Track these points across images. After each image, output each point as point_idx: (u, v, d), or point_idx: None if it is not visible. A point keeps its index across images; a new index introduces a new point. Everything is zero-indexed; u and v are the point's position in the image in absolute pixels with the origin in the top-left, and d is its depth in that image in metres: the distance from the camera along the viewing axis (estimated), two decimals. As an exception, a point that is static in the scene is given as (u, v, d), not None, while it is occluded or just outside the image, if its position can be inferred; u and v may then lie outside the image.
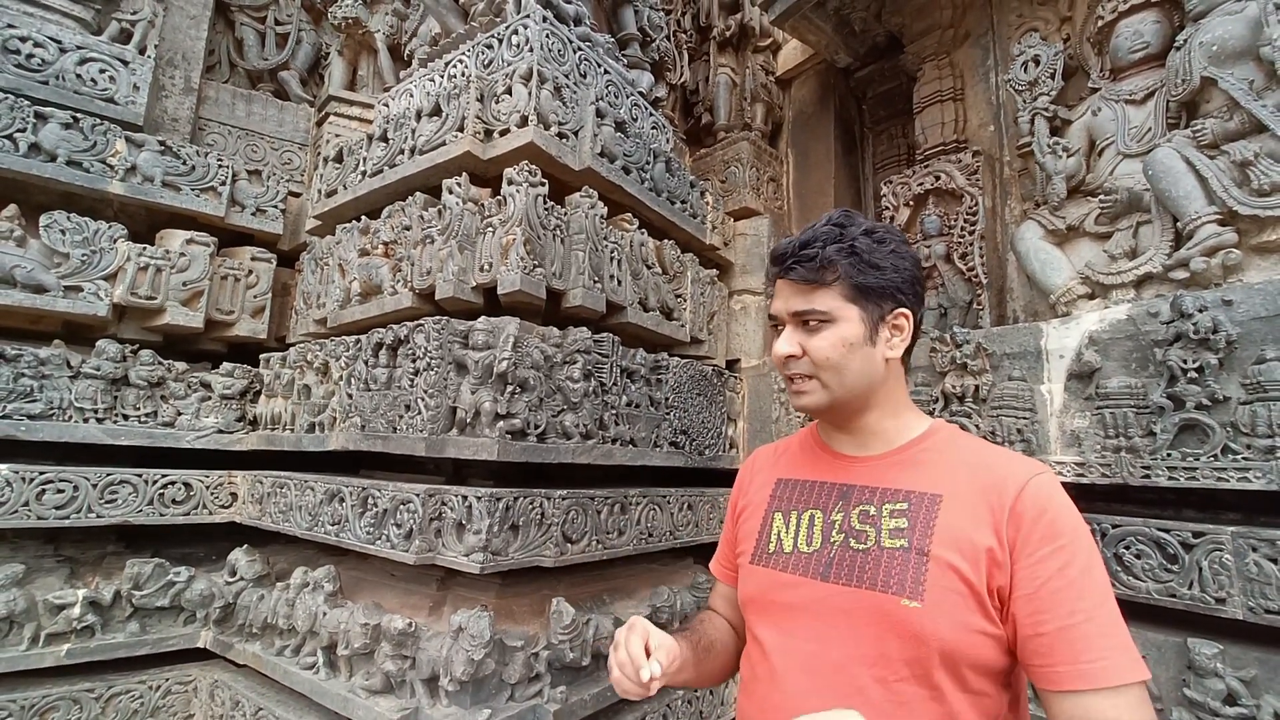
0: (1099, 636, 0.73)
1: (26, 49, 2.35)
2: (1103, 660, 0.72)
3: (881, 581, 0.82)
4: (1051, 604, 0.75)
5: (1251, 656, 1.44)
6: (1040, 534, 0.78)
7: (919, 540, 0.82)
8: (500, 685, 1.73)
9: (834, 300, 0.90)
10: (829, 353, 0.90)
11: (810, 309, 0.90)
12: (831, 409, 0.95)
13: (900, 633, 0.79)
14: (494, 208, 2.01)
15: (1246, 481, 1.47)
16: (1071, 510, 0.81)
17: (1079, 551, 0.77)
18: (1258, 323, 1.51)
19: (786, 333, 0.94)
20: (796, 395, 0.95)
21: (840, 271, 0.90)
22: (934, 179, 2.56)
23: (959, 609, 0.78)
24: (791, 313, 0.93)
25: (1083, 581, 0.76)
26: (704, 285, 2.79)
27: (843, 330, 0.90)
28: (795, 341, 0.92)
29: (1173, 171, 1.84)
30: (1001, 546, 0.79)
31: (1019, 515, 0.79)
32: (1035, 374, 1.88)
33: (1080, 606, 0.74)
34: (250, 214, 2.81)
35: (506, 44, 2.26)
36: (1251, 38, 1.76)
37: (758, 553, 0.98)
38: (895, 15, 2.89)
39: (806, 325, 0.92)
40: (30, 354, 2.21)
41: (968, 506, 0.83)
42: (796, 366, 0.93)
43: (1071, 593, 0.75)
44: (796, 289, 0.92)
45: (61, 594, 2.14)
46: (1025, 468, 0.84)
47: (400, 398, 1.93)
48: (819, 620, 0.86)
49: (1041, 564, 0.77)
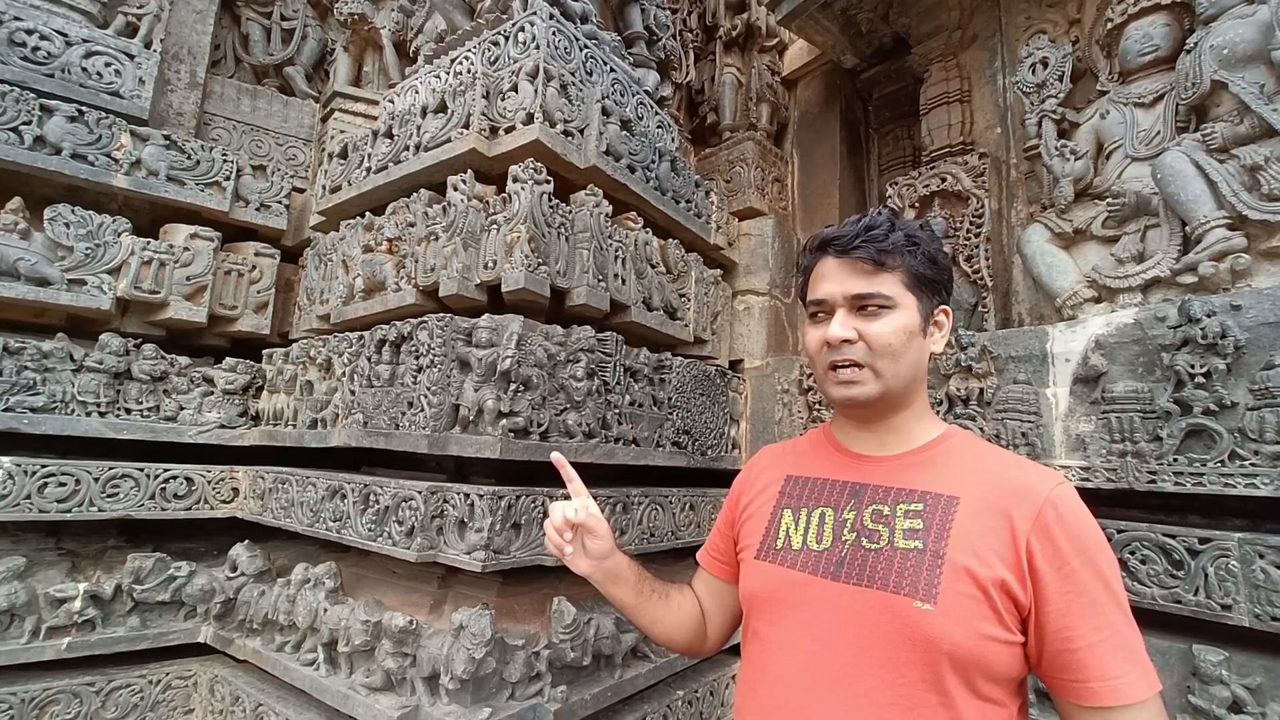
0: (1124, 649, 0.75)
1: (33, 42, 2.35)
2: (1129, 675, 0.74)
3: (894, 582, 0.80)
4: (1082, 619, 0.76)
5: (1257, 664, 1.43)
6: (1068, 547, 0.78)
7: (934, 542, 0.80)
8: (501, 684, 1.73)
9: (896, 286, 0.88)
10: (890, 339, 0.86)
11: (875, 292, 0.87)
12: (879, 402, 0.90)
13: (911, 635, 0.77)
14: (499, 205, 2.00)
15: (1254, 488, 1.47)
16: (1092, 521, 0.81)
17: (1104, 564, 0.78)
18: (1266, 328, 1.50)
19: (840, 317, 0.88)
20: (845, 386, 0.89)
21: (903, 259, 0.88)
22: (940, 181, 2.55)
23: (973, 614, 0.76)
24: (851, 295, 0.88)
25: (1108, 596, 0.76)
26: (708, 285, 2.78)
27: (904, 318, 0.87)
28: (851, 326, 0.87)
29: (1181, 175, 1.83)
30: (1021, 555, 0.78)
31: (1045, 526, 0.79)
32: (1040, 377, 1.87)
33: (1108, 621, 0.75)
34: (254, 209, 2.81)
35: (513, 41, 2.25)
36: (1263, 41, 1.75)
37: (764, 548, 0.96)
38: (902, 16, 2.88)
39: (865, 310, 0.88)
40: (33, 347, 2.21)
41: (986, 511, 0.81)
42: (849, 353, 0.87)
43: (1101, 607, 0.76)
44: (857, 270, 0.88)
45: (62, 587, 2.14)
46: (1045, 477, 0.84)
47: (403, 395, 1.92)
48: (827, 620, 0.84)
49: (1071, 579, 0.77)
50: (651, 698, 2.15)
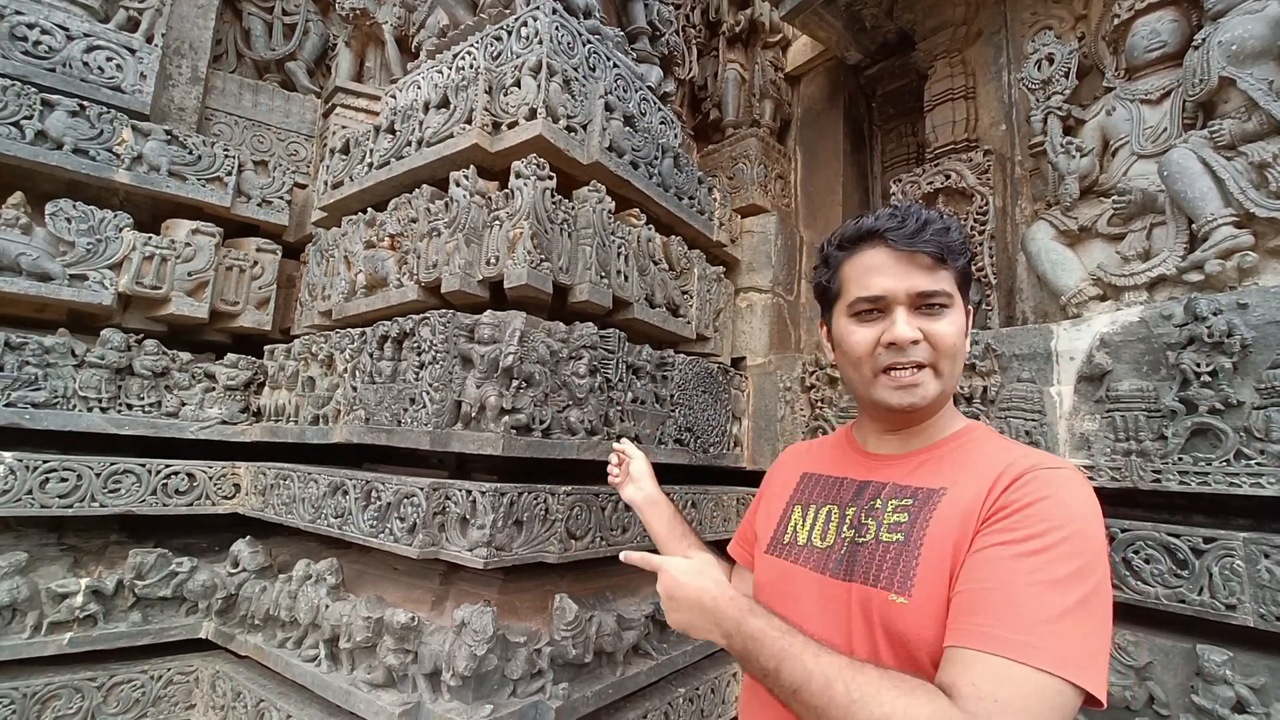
0: (993, 604, 0.67)
1: (34, 36, 2.34)
2: (972, 618, 0.67)
3: (873, 576, 0.80)
4: (971, 570, 0.70)
5: (1261, 664, 1.42)
6: (1006, 511, 0.73)
7: (914, 535, 0.79)
8: (502, 681, 1.73)
9: (951, 284, 0.85)
10: (955, 339, 0.84)
11: (939, 289, 0.83)
12: (933, 404, 0.86)
13: (887, 629, 0.77)
14: (501, 201, 1.99)
15: (1259, 487, 1.46)
16: (1070, 507, 0.72)
17: (1041, 536, 0.69)
18: (1273, 326, 1.49)
19: (903, 315, 0.83)
20: (906, 391, 0.84)
21: (957, 258, 0.85)
22: (944, 178, 2.53)
23: (946, 606, 0.73)
24: (916, 292, 0.83)
25: (1017, 560, 0.68)
26: (710, 282, 2.77)
27: (961, 317, 0.85)
28: (915, 325, 0.83)
29: (1188, 172, 1.82)
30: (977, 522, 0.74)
31: (996, 491, 0.75)
32: (1045, 376, 1.86)
33: (995, 575, 0.68)
34: (256, 205, 2.81)
35: (516, 36, 2.24)
36: (1272, 37, 1.73)
37: (773, 543, 0.98)
38: (907, 12, 2.86)
39: (928, 309, 0.84)
40: (35, 342, 2.20)
41: (969, 498, 0.78)
42: (915, 354, 0.83)
43: (998, 565, 0.69)
44: (919, 266, 0.83)
45: (64, 583, 2.14)
46: (1041, 459, 0.79)
47: (405, 391, 1.92)
48: (820, 614, 0.85)
49: (986, 535, 0.72)
50: (653, 695, 2.15)
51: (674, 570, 0.86)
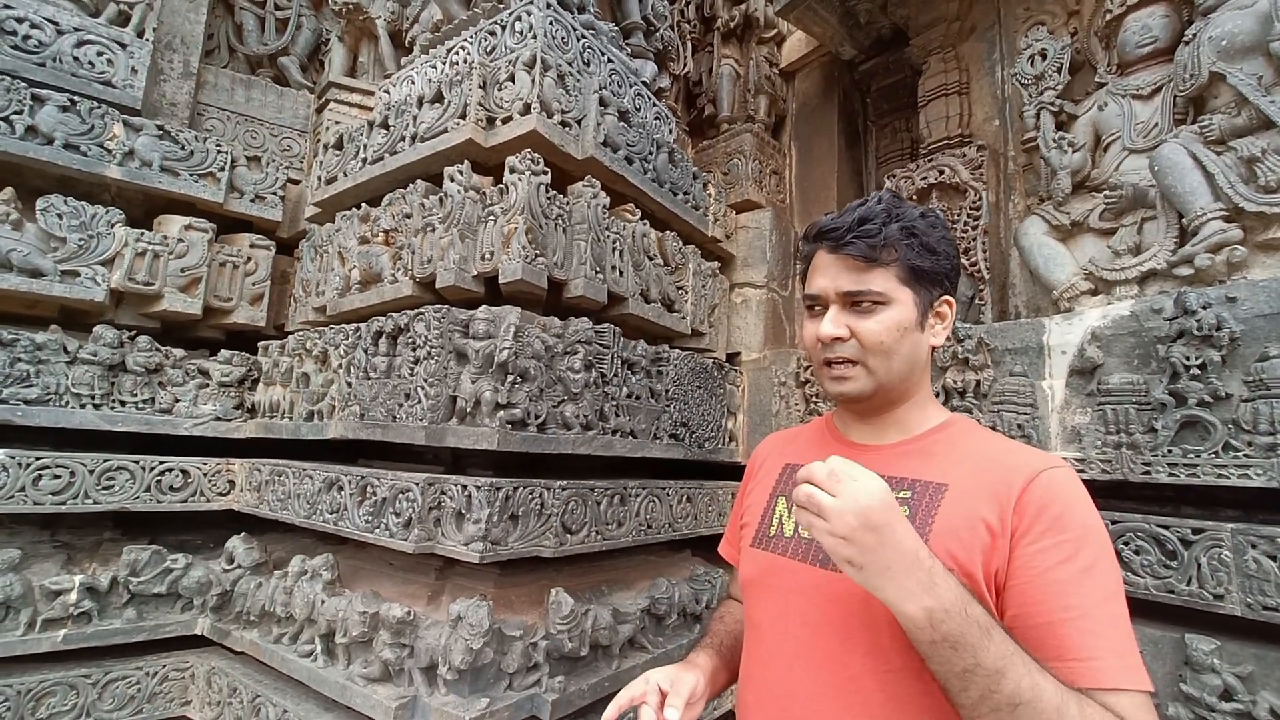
0: (1091, 635, 0.70)
1: (23, 30, 2.31)
2: (1094, 661, 0.69)
3: None
4: (1045, 596, 0.72)
5: (1248, 652, 1.44)
6: (1045, 525, 0.75)
7: (918, 528, 0.79)
8: (498, 674, 1.74)
9: (889, 282, 0.87)
10: (882, 336, 0.86)
11: (865, 289, 0.86)
12: (872, 397, 0.90)
13: (890, 621, 0.76)
14: (495, 196, 1.99)
15: (1247, 479, 1.48)
16: (1084, 507, 0.78)
17: (1085, 547, 0.74)
18: (1261, 320, 1.51)
19: (832, 313, 0.89)
20: (837, 381, 0.90)
21: (899, 253, 0.86)
22: (938, 173, 2.54)
23: None
24: (843, 292, 0.88)
25: (1083, 578, 0.72)
26: (705, 278, 2.78)
27: (897, 314, 0.87)
28: (843, 323, 0.87)
29: (1179, 167, 1.83)
30: (1002, 535, 0.76)
31: (1024, 505, 0.77)
32: (1037, 369, 1.88)
33: (1075, 603, 0.71)
34: (249, 200, 2.79)
35: (510, 30, 2.23)
36: (1261, 33, 1.74)
37: (759, 536, 0.98)
38: (901, 7, 2.86)
39: (858, 307, 0.87)
40: (27, 339, 2.19)
41: (972, 496, 0.80)
42: (841, 350, 0.88)
43: (1070, 587, 0.72)
44: (849, 267, 0.87)
45: (58, 580, 2.13)
46: (1038, 459, 0.82)
47: (400, 386, 1.92)
48: (814, 607, 0.86)
49: (1042, 554, 0.74)
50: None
51: (883, 491, 0.72)
